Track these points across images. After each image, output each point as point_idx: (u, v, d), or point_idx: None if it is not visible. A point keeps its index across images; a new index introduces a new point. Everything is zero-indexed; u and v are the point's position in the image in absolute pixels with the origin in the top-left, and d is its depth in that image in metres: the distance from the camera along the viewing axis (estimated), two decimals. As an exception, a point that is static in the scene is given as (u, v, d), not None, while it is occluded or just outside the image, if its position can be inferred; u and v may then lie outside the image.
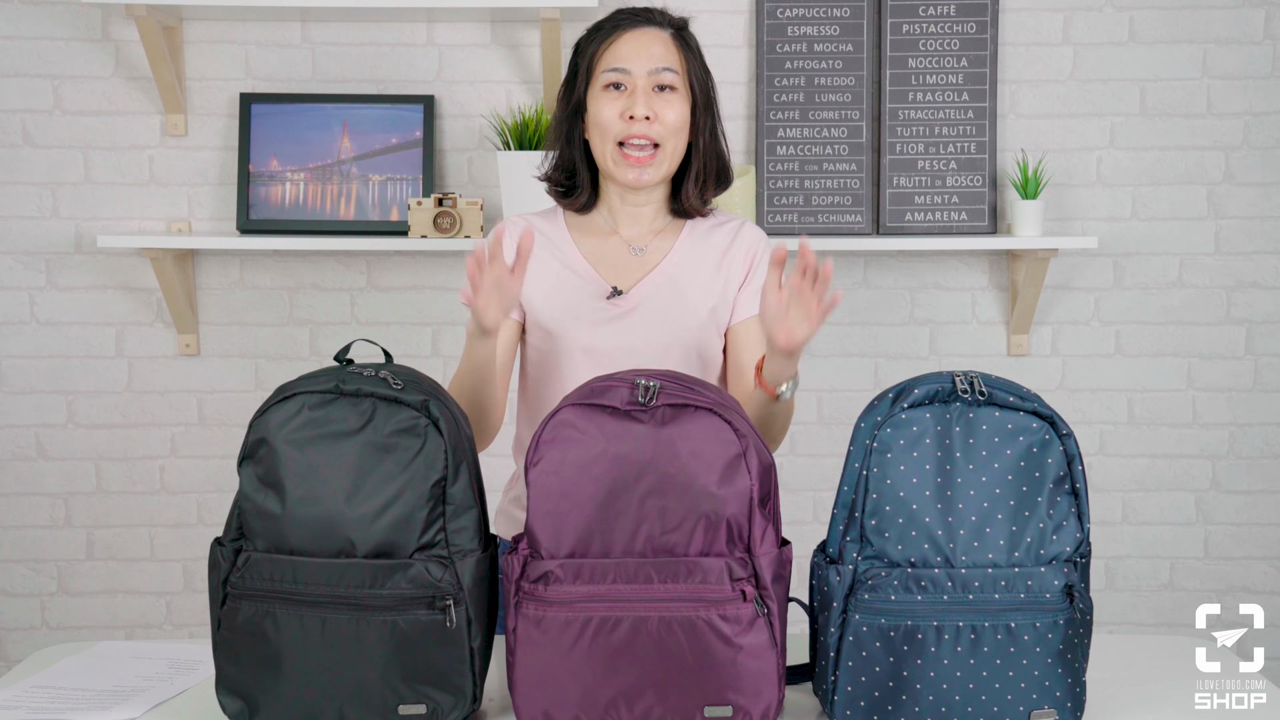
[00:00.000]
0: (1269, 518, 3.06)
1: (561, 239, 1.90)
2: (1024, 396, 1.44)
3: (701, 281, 1.87)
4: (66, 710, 1.50)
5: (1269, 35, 2.96)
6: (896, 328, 3.03)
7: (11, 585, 3.04)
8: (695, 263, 1.88)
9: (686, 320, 1.85)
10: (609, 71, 1.83)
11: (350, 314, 3.00)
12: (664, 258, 1.88)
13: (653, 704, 1.39)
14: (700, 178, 1.87)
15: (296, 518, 1.41)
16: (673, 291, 1.86)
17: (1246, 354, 3.04)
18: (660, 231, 1.90)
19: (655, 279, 1.87)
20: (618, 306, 1.85)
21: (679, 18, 1.89)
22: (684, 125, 1.84)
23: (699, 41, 1.90)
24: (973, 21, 2.94)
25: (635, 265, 1.88)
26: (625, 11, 1.87)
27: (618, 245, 1.89)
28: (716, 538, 1.39)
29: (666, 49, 1.84)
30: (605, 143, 1.83)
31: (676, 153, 1.84)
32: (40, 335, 2.99)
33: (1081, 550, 1.43)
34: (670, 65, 1.83)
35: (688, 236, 1.90)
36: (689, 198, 1.88)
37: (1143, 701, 1.53)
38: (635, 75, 1.82)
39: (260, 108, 2.91)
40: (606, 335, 1.84)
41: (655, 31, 1.85)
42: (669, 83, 1.82)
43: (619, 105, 1.81)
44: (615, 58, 1.83)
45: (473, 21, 2.95)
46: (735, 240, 1.90)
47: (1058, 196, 2.98)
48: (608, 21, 1.86)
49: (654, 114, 1.81)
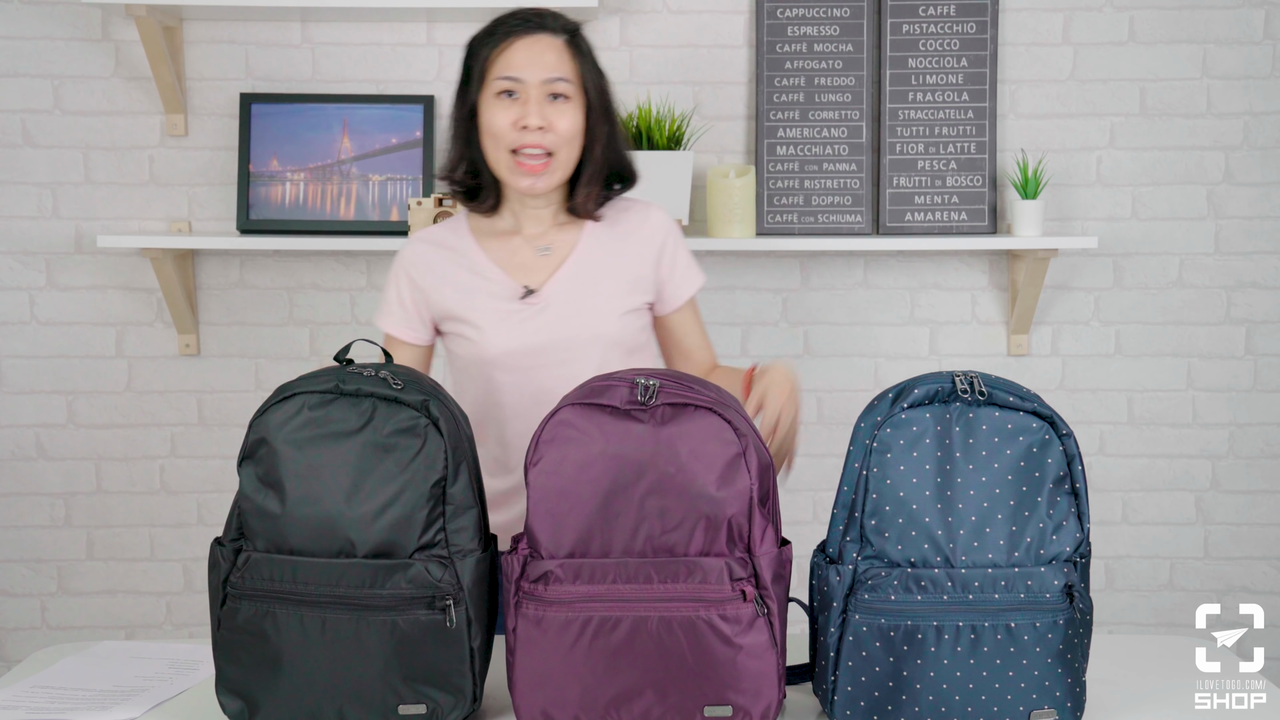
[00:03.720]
0: (1269, 518, 3.06)
1: (467, 247, 1.91)
2: (1024, 396, 1.44)
3: (612, 271, 1.89)
4: (66, 710, 1.50)
5: (1269, 35, 2.96)
6: (896, 328, 3.03)
7: (11, 585, 3.04)
8: (603, 253, 1.90)
9: (603, 311, 1.86)
10: (501, 79, 1.82)
11: (350, 314, 3.00)
12: (571, 252, 1.89)
13: (652, 704, 1.39)
14: (591, 183, 1.88)
15: (296, 518, 1.41)
16: (584, 285, 1.87)
17: (1246, 354, 3.04)
18: (563, 226, 1.91)
19: (565, 275, 1.88)
20: (532, 305, 1.86)
21: (572, 22, 1.88)
22: (577, 133, 1.84)
23: (591, 44, 1.88)
24: (973, 21, 2.94)
25: (543, 264, 1.89)
26: (518, 15, 1.85)
27: (521, 245, 1.90)
28: (716, 537, 1.39)
29: (560, 57, 1.83)
30: (499, 150, 1.83)
31: (570, 160, 1.85)
32: (40, 335, 2.99)
33: (1081, 550, 1.43)
34: (563, 74, 1.82)
35: (591, 230, 1.91)
36: (579, 202, 1.88)
37: (1143, 701, 1.53)
38: (528, 84, 1.81)
39: (260, 108, 2.91)
40: (527, 334, 1.85)
41: (548, 39, 1.84)
42: (562, 91, 1.82)
43: (512, 114, 1.81)
44: (508, 65, 1.82)
45: (473, 21, 2.94)
46: (641, 227, 1.92)
47: (1058, 196, 2.98)
48: (500, 26, 1.85)
49: (547, 123, 1.81)
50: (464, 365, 1.91)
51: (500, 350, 1.85)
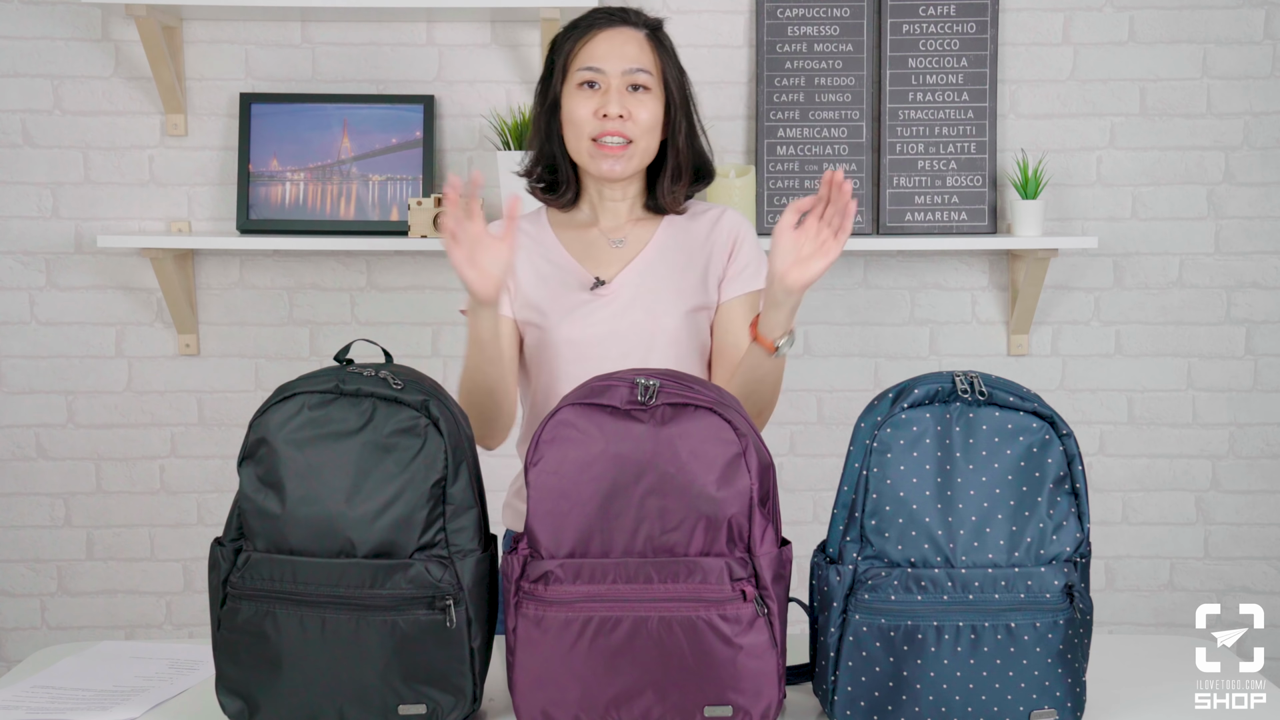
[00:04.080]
0: (1269, 518, 3.06)
1: (545, 236, 1.94)
2: (1024, 396, 1.44)
3: (684, 268, 1.90)
4: (66, 710, 1.50)
5: (1269, 35, 2.96)
6: (896, 328, 3.03)
7: (11, 585, 3.04)
8: (676, 251, 1.91)
9: (671, 308, 1.87)
10: (583, 70, 1.85)
11: (350, 314, 3.00)
12: (644, 247, 1.91)
13: (652, 704, 1.39)
14: (675, 176, 1.90)
15: (296, 518, 1.41)
16: (655, 280, 1.89)
17: (1246, 354, 3.04)
18: (639, 221, 1.93)
19: (636, 267, 1.89)
20: (601, 296, 1.87)
21: (654, 18, 1.92)
22: (656, 124, 1.86)
23: (674, 42, 1.92)
24: (973, 21, 2.94)
25: (616, 256, 1.91)
26: (601, 11, 1.89)
27: (598, 237, 1.93)
28: (716, 537, 1.39)
29: (641, 49, 1.86)
30: (580, 139, 1.85)
31: (649, 149, 1.87)
32: (40, 335, 2.99)
33: (1081, 550, 1.43)
34: (644, 66, 1.85)
35: (667, 227, 1.93)
36: (664, 195, 1.91)
37: (1143, 701, 1.53)
38: (609, 74, 1.84)
39: (260, 108, 2.91)
40: (592, 325, 1.86)
41: (630, 32, 1.87)
42: (642, 82, 1.85)
43: (593, 103, 1.84)
44: (590, 57, 1.85)
45: (473, 21, 2.95)
46: (716, 226, 1.93)
47: (1058, 196, 2.98)
48: (584, 20, 1.89)
49: (627, 112, 1.83)
50: (532, 354, 1.91)
51: (566, 338, 1.86)
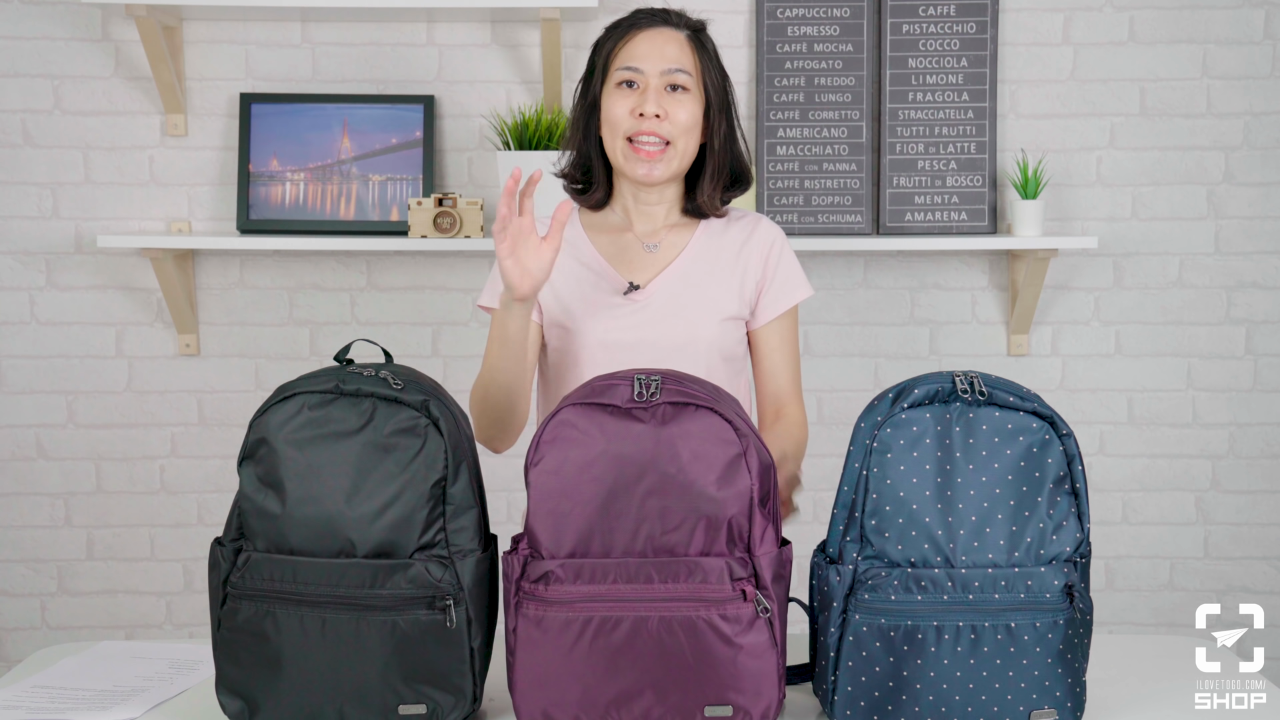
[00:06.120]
0: (1269, 518, 3.06)
1: (577, 238, 1.92)
2: (1024, 396, 1.43)
3: (718, 277, 1.89)
4: (66, 710, 1.50)
5: (1269, 35, 2.96)
6: (896, 328, 3.03)
7: (11, 585, 3.04)
8: (711, 258, 1.90)
9: (704, 315, 1.87)
10: (622, 69, 1.84)
11: (350, 314, 3.00)
12: (679, 254, 1.90)
13: (653, 704, 1.39)
14: (715, 179, 1.89)
15: (296, 518, 1.41)
16: (689, 286, 1.88)
17: (1246, 354, 3.04)
18: (674, 227, 1.92)
19: (672, 274, 1.89)
20: (635, 301, 1.87)
21: (697, 20, 1.91)
22: (695, 125, 1.85)
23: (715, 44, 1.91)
24: (973, 21, 2.94)
25: (650, 261, 1.90)
26: (643, 11, 1.89)
27: (632, 242, 1.92)
28: (717, 538, 1.39)
29: (681, 50, 1.85)
30: (616, 138, 1.85)
31: (687, 152, 1.86)
32: (40, 335, 2.99)
33: (1081, 550, 1.43)
34: (683, 66, 1.84)
35: (703, 233, 1.92)
36: (704, 198, 1.90)
37: (1143, 701, 1.53)
38: (648, 74, 1.83)
39: (260, 108, 2.91)
40: (625, 329, 1.85)
41: (670, 32, 1.86)
42: (681, 83, 1.84)
43: (630, 102, 1.83)
44: (630, 56, 1.84)
45: (473, 21, 2.95)
46: (751, 237, 1.92)
47: (1058, 196, 2.98)
48: (625, 20, 1.88)
49: (665, 112, 1.82)
50: (556, 357, 1.90)
51: (597, 342, 1.85)
